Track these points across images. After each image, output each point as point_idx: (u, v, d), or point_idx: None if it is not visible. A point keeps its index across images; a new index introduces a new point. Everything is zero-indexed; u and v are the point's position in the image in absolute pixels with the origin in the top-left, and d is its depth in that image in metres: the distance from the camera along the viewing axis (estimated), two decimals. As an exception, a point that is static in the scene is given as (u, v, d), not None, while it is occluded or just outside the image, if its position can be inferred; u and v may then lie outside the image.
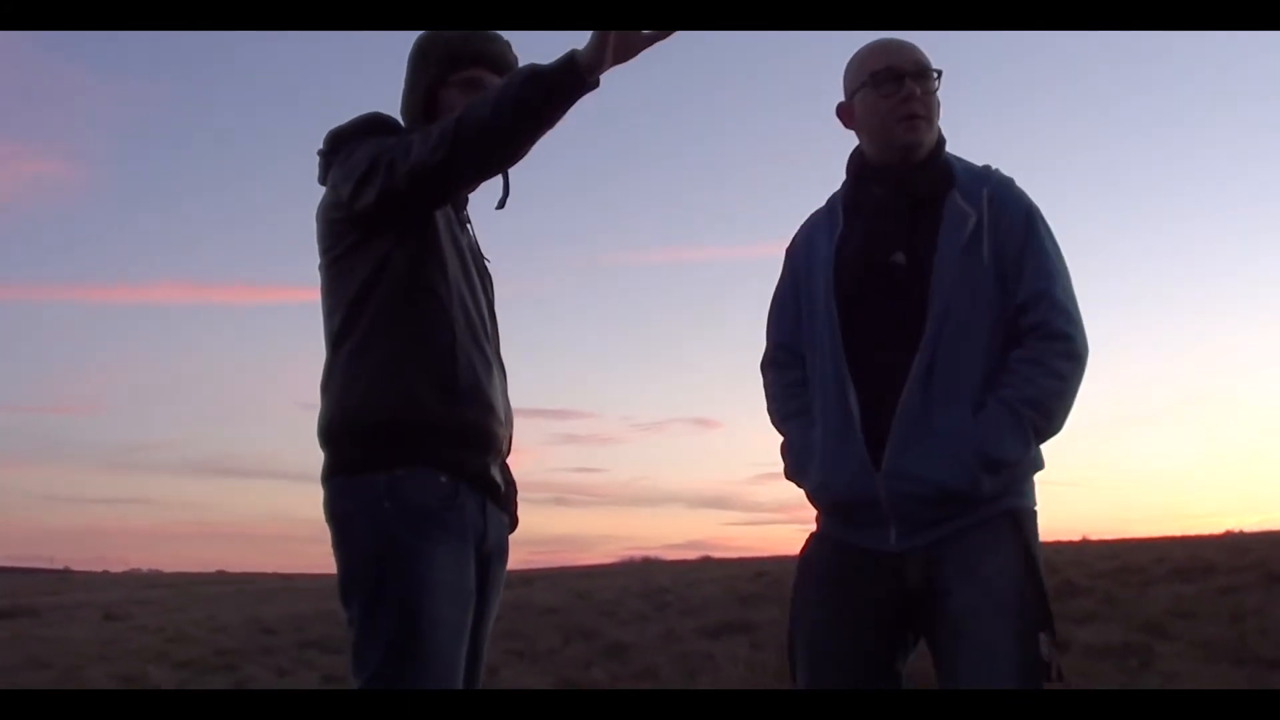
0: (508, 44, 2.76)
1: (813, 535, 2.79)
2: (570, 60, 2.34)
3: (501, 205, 2.75)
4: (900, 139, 2.72)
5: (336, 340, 2.58)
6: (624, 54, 2.37)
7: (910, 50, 2.75)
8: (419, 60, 2.73)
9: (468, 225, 2.80)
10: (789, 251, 2.93)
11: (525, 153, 2.44)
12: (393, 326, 2.52)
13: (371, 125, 2.66)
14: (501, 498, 2.67)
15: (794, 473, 2.79)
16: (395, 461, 2.46)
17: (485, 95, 2.41)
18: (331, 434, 2.53)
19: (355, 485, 2.48)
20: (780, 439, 2.85)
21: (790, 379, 2.85)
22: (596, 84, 2.37)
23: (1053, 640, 2.50)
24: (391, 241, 2.54)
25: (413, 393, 2.48)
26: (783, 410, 2.85)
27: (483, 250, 2.85)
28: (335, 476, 2.52)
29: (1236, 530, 20.54)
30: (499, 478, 2.64)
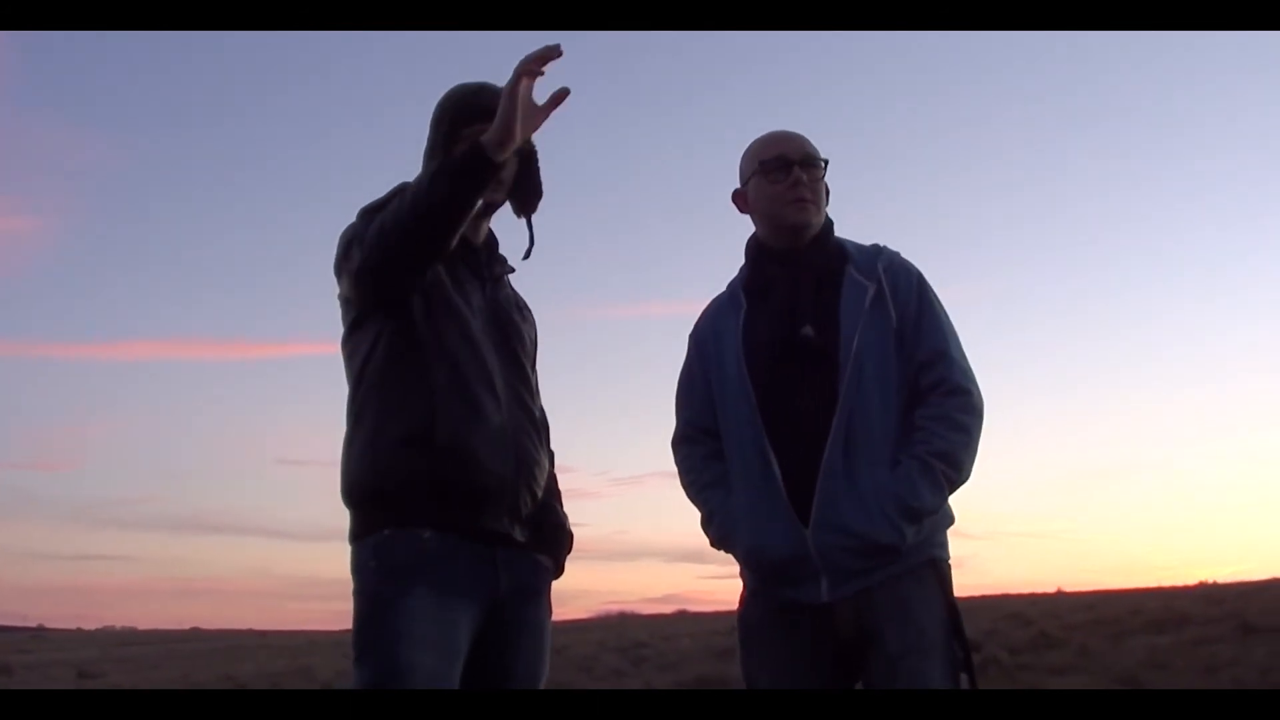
0: None
1: (747, 594, 2.89)
2: (474, 146, 2.49)
3: (527, 256, 2.88)
4: (790, 220, 2.89)
5: (347, 418, 2.71)
6: (528, 128, 2.51)
7: (799, 141, 2.93)
8: (435, 119, 2.80)
9: (500, 279, 2.88)
10: (693, 336, 3.07)
11: (452, 237, 2.56)
12: (378, 399, 2.64)
13: (391, 200, 2.74)
14: (526, 544, 2.73)
15: (720, 540, 2.88)
16: (382, 523, 2.58)
17: (405, 193, 2.54)
18: (345, 503, 2.67)
19: (356, 550, 2.62)
20: (699, 511, 2.94)
21: (702, 452, 2.96)
22: (503, 164, 2.51)
23: (972, 681, 2.67)
24: (382, 319, 2.66)
25: (391, 458, 2.59)
26: (699, 481, 2.95)
27: (518, 301, 2.93)
28: (350, 542, 2.65)
29: (1210, 581, 20.63)
30: (508, 527, 2.69)
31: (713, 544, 2.89)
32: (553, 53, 2.46)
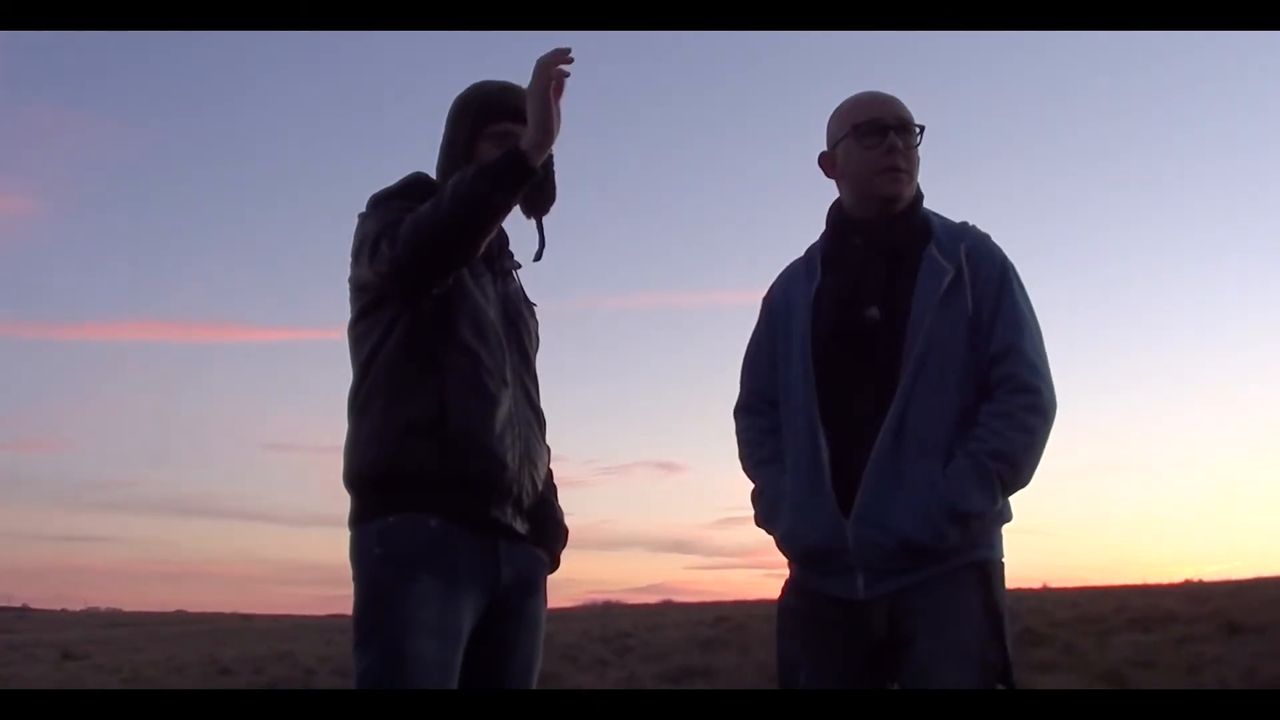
0: None
1: (788, 582, 2.80)
2: (516, 152, 2.51)
3: (538, 257, 2.86)
4: (882, 191, 2.74)
5: (350, 402, 2.72)
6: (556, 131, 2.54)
7: (894, 104, 2.77)
8: (457, 114, 2.82)
9: (509, 273, 2.89)
10: (766, 300, 2.95)
11: (484, 240, 2.57)
12: (389, 385, 2.65)
13: (406, 189, 2.75)
14: (527, 536, 2.75)
15: (764, 520, 2.79)
16: (387, 509, 2.59)
17: (440, 192, 2.55)
18: (347, 488, 2.69)
19: (358, 535, 2.64)
20: (751, 485, 2.85)
21: (762, 425, 2.86)
22: (538, 172, 2.54)
23: (1010, 690, 2.54)
24: (397, 305, 2.66)
25: (400, 444, 2.60)
26: (754, 456, 2.86)
27: (527, 296, 2.94)
28: (350, 527, 2.67)
29: (1195, 579, 20.66)
30: (511, 518, 2.71)
31: (757, 522, 2.81)
32: (565, 54, 2.50)
